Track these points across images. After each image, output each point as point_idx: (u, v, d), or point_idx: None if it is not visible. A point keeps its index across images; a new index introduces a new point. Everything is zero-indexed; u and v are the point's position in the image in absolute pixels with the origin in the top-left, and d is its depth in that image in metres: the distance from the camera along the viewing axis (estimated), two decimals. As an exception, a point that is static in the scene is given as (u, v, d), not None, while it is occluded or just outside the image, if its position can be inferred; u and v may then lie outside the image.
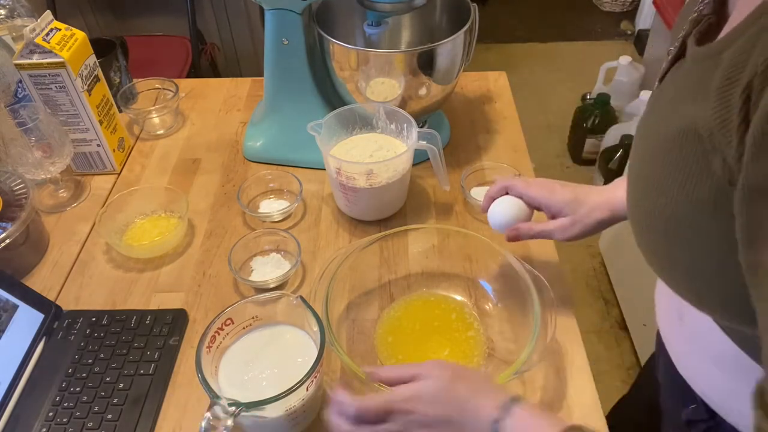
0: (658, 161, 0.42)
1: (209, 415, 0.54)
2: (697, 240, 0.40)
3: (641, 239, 0.47)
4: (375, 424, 0.52)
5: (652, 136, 0.44)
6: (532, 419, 0.48)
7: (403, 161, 0.84)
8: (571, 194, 0.68)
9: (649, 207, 0.43)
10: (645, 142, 0.46)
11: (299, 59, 0.91)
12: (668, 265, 0.44)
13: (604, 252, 1.91)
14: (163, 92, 1.13)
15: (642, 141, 0.47)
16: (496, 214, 0.72)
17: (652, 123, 0.46)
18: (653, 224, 0.43)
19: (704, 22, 0.45)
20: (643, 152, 0.46)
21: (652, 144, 0.44)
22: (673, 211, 0.41)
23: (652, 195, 0.43)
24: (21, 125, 0.85)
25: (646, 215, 0.44)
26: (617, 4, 3.08)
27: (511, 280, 0.73)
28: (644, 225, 0.45)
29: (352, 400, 0.53)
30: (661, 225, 0.42)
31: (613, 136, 2.04)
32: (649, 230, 0.44)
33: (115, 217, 0.88)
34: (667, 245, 0.43)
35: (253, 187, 0.94)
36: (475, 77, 1.19)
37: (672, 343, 0.60)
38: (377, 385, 0.58)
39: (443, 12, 1.00)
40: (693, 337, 0.54)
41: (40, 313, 0.75)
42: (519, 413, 0.49)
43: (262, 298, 0.65)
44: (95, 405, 0.68)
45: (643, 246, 0.47)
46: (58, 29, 0.89)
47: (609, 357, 1.71)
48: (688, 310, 0.53)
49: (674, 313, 0.57)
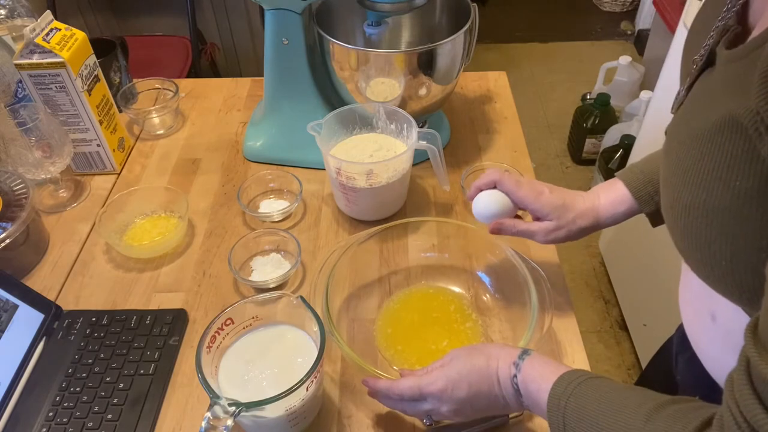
0: (696, 157, 0.43)
1: (209, 415, 0.54)
2: (741, 231, 0.41)
3: (681, 235, 0.47)
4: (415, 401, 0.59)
5: (687, 134, 0.45)
6: (539, 368, 0.53)
7: (403, 161, 0.84)
8: (559, 200, 0.69)
9: (689, 202, 0.44)
10: (679, 141, 0.47)
11: (299, 59, 0.91)
12: (710, 259, 0.45)
13: (604, 252, 1.91)
14: (163, 92, 1.13)
15: (676, 141, 0.48)
16: (482, 205, 0.73)
17: (685, 123, 0.47)
18: (694, 219, 0.44)
19: (731, 32, 0.46)
20: (678, 151, 0.46)
21: (687, 142, 0.45)
22: (715, 203, 0.41)
23: (693, 190, 0.43)
24: (21, 125, 0.85)
25: (686, 210, 0.45)
26: (617, 4, 3.08)
27: (510, 272, 0.73)
28: (684, 221, 0.45)
29: (386, 384, 0.60)
30: (703, 219, 0.43)
31: (613, 136, 2.04)
32: (690, 226, 0.45)
33: (115, 217, 0.88)
34: (709, 239, 0.43)
35: (253, 187, 0.94)
36: (475, 77, 1.19)
37: (702, 344, 0.59)
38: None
39: (443, 12, 1.00)
40: (727, 337, 0.54)
41: (40, 313, 0.75)
42: (527, 365, 0.54)
43: (262, 298, 0.65)
44: (95, 405, 0.68)
45: (682, 242, 0.47)
46: (58, 29, 0.89)
47: (609, 357, 1.71)
48: (722, 310, 0.53)
49: (705, 313, 0.56)
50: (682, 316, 0.63)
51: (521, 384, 0.54)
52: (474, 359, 0.57)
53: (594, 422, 0.47)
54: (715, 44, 0.47)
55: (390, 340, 0.74)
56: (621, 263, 1.79)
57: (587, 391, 0.49)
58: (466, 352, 0.59)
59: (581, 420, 0.48)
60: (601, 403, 0.47)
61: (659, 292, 1.45)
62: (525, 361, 0.54)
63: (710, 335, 0.57)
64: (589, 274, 1.93)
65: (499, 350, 0.57)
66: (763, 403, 0.35)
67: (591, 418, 0.47)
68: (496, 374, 0.55)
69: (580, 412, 0.48)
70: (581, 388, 0.49)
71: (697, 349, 0.60)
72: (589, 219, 0.69)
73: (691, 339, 0.61)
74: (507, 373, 0.55)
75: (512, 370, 0.54)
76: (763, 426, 0.35)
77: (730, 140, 0.40)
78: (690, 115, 0.47)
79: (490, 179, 0.72)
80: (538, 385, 0.52)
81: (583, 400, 0.49)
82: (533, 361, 0.54)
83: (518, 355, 0.55)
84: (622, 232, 1.76)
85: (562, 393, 0.50)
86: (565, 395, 0.49)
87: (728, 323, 0.53)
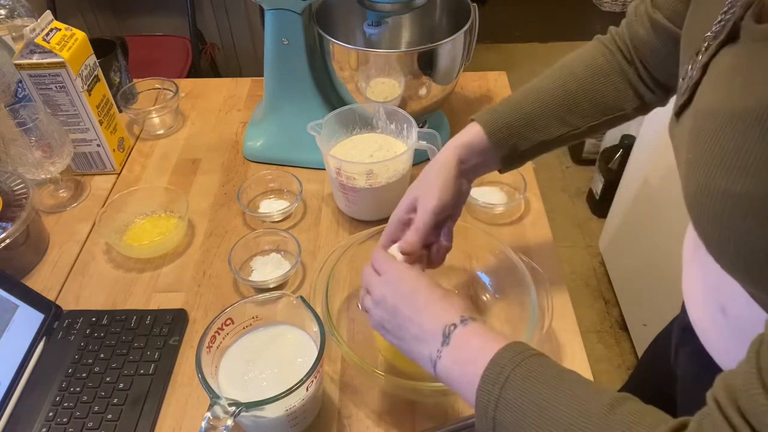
0: (740, 140, 0.39)
1: (209, 415, 0.54)
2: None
3: (711, 225, 0.43)
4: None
5: (722, 113, 0.42)
6: (484, 330, 0.51)
7: (403, 161, 0.84)
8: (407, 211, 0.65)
9: (727, 188, 0.40)
10: (715, 121, 0.43)
11: (299, 59, 0.91)
12: (745, 251, 0.41)
13: (604, 252, 1.91)
14: (163, 92, 1.13)
15: (708, 121, 0.44)
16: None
17: (718, 101, 0.44)
18: (730, 208, 0.41)
19: (757, 4, 0.43)
20: (715, 132, 0.43)
21: (727, 123, 0.41)
22: (761, 191, 0.38)
23: (733, 176, 0.40)
24: (21, 125, 0.85)
25: (721, 198, 0.41)
26: (617, 4, 3.08)
27: (509, 271, 0.73)
28: (717, 209, 0.42)
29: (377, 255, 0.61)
30: (742, 208, 0.40)
31: (613, 136, 2.04)
32: (724, 215, 0.41)
33: (115, 217, 0.88)
34: (747, 229, 0.40)
35: (253, 187, 0.94)
36: (475, 77, 1.19)
37: (712, 338, 0.58)
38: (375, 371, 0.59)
39: (443, 12, 1.00)
40: (738, 330, 0.53)
41: (40, 313, 0.75)
42: (475, 325, 0.51)
43: (262, 298, 0.65)
44: (95, 405, 0.68)
45: (712, 232, 0.44)
46: (58, 29, 0.89)
47: (609, 357, 1.71)
48: (733, 303, 0.52)
49: (715, 307, 0.55)
50: (688, 309, 0.62)
51: (455, 337, 0.50)
52: (434, 288, 0.56)
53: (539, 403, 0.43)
54: (739, 18, 0.44)
55: None
56: (621, 263, 1.79)
57: (533, 366, 0.45)
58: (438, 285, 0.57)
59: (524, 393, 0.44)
60: (550, 385, 0.44)
61: (659, 292, 1.45)
62: (471, 323, 0.51)
63: (720, 328, 0.56)
64: (589, 274, 1.93)
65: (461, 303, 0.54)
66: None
67: (536, 398, 0.43)
68: (440, 311, 0.53)
69: (523, 387, 0.44)
70: (530, 361, 0.46)
71: (706, 342, 0.59)
72: (442, 161, 0.64)
73: (699, 332, 0.60)
74: (448, 318, 0.52)
75: (455, 320, 0.51)
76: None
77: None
78: (721, 93, 0.44)
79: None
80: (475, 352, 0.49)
81: (527, 376, 0.45)
82: (478, 327, 0.51)
83: (470, 316, 0.52)
84: (622, 232, 1.76)
85: (506, 363, 0.46)
86: (508, 368, 0.45)
87: (740, 316, 0.52)
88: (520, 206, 0.92)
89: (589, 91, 0.67)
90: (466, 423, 0.65)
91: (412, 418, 0.67)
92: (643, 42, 0.65)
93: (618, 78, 0.67)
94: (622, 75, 0.67)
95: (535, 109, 0.66)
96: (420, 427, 0.67)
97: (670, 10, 0.61)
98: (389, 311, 0.56)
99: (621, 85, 0.67)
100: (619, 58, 0.67)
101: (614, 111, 0.68)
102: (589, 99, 0.67)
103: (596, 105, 0.67)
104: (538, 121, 0.66)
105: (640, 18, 0.65)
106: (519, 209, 0.92)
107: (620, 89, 0.67)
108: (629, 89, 0.67)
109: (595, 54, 0.68)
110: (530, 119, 0.66)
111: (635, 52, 0.66)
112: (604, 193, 2.01)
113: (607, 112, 0.68)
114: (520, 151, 0.67)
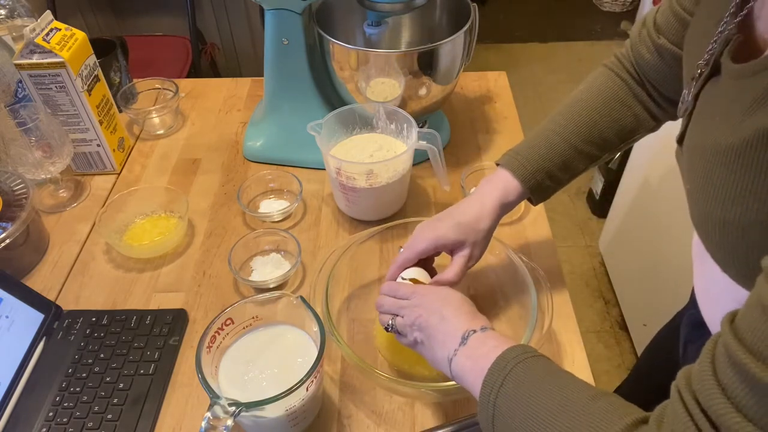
0: (725, 173, 0.43)
1: (209, 415, 0.54)
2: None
3: (716, 248, 0.47)
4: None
5: (712, 149, 0.45)
6: (499, 335, 0.55)
7: (403, 161, 0.84)
8: (453, 227, 0.67)
9: (722, 217, 0.44)
10: (703, 156, 0.46)
11: (299, 59, 0.91)
12: (747, 270, 0.44)
13: (604, 252, 1.91)
14: (163, 92, 1.13)
15: (698, 156, 0.48)
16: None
17: (706, 137, 0.47)
18: (728, 234, 0.44)
19: (734, 41, 0.46)
20: (704, 167, 0.46)
21: (712, 158, 0.44)
22: (751, 218, 0.41)
23: (725, 206, 0.43)
24: (21, 125, 0.85)
25: (719, 226, 0.44)
26: (617, 4, 3.09)
27: (509, 272, 0.74)
28: (718, 236, 0.45)
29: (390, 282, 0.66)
30: (738, 234, 0.43)
31: (613, 136, 2.04)
32: (724, 241, 0.45)
33: (115, 217, 0.88)
34: (745, 251, 0.43)
35: (253, 187, 0.94)
36: (475, 77, 1.19)
37: None
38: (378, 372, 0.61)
39: (443, 12, 1.00)
40: None
41: (40, 313, 0.75)
42: (493, 332, 0.56)
43: (262, 298, 0.65)
44: (95, 405, 0.68)
45: (718, 254, 0.47)
46: (58, 29, 0.89)
47: (609, 357, 1.71)
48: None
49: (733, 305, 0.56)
50: (701, 306, 0.62)
51: (472, 339, 0.54)
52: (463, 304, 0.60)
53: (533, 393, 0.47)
54: (719, 54, 0.47)
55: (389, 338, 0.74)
56: (621, 263, 1.79)
57: (535, 364, 0.50)
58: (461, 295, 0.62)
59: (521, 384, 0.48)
60: (545, 379, 0.48)
61: (659, 292, 1.45)
62: (490, 331, 0.56)
63: None
64: (589, 274, 1.93)
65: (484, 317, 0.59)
66: (726, 394, 0.36)
67: (531, 390, 0.48)
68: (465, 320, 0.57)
69: (523, 378, 0.49)
70: (533, 359, 0.50)
71: None
72: (486, 221, 0.67)
73: (713, 329, 0.61)
74: (471, 326, 0.56)
75: (476, 327, 0.56)
76: (722, 416, 0.35)
77: (766, 155, 0.39)
78: (707, 129, 0.47)
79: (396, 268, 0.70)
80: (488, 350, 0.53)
81: (528, 370, 0.49)
82: (495, 333, 0.56)
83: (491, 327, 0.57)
84: (622, 232, 1.76)
85: (511, 358, 0.50)
86: (512, 363, 0.50)
87: None
88: (520, 206, 0.92)
89: (612, 120, 0.68)
90: (466, 423, 0.65)
91: (412, 418, 0.67)
92: (649, 64, 0.66)
93: (634, 102, 0.68)
94: (636, 99, 0.68)
95: (565, 150, 0.68)
96: (420, 427, 0.67)
97: (673, 35, 0.62)
98: (424, 330, 0.59)
99: (637, 109, 0.69)
100: (630, 82, 0.68)
101: (633, 134, 0.70)
102: (613, 129, 0.69)
103: (619, 133, 0.69)
104: (571, 162, 0.69)
105: (644, 42, 0.66)
106: (519, 209, 0.92)
107: (638, 113, 0.69)
108: (645, 112, 0.69)
109: (606, 83, 0.69)
110: (563, 162, 0.68)
111: (643, 73, 0.68)
112: (604, 193, 2.01)
113: (627, 137, 0.70)
114: (548, 187, 0.70)
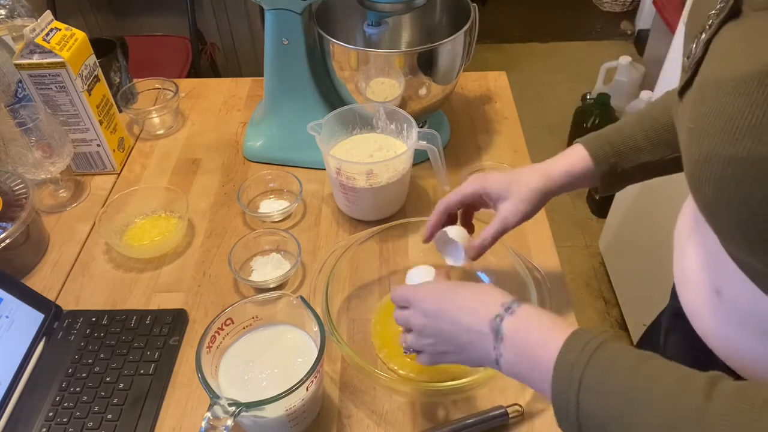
0: (744, 103, 0.40)
1: (209, 415, 0.54)
2: None
3: (713, 191, 0.44)
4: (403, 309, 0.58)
5: (727, 80, 0.43)
6: (536, 316, 0.49)
7: (403, 161, 0.84)
8: (504, 177, 0.68)
9: (731, 153, 0.41)
10: (718, 89, 0.44)
11: (299, 59, 0.91)
12: (746, 216, 0.42)
13: (604, 252, 1.91)
14: (163, 92, 1.13)
15: (708, 91, 0.45)
16: (450, 252, 0.71)
17: (724, 70, 0.45)
18: (733, 172, 0.42)
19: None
20: (718, 99, 0.44)
21: (731, 89, 0.42)
22: (761, 152, 0.39)
23: (737, 140, 0.41)
24: (21, 125, 0.85)
25: (725, 163, 0.42)
26: (617, 4, 3.08)
27: (510, 272, 0.73)
28: (720, 174, 0.43)
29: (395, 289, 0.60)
30: (745, 171, 0.41)
31: (613, 136, 2.04)
32: (727, 179, 0.42)
33: (115, 217, 0.88)
34: (749, 192, 0.41)
35: (253, 187, 0.94)
36: (475, 77, 1.19)
37: (706, 322, 0.58)
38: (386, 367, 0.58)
39: (443, 12, 1.00)
40: (732, 313, 0.53)
41: (40, 313, 0.75)
42: (522, 310, 0.50)
43: (262, 298, 0.65)
44: (95, 405, 0.68)
45: (714, 198, 0.45)
46: (58, 29, 0.89)
47: (609, 357, 1.71)
48: (728, 285, 0.52)
49: (709, 290, 0.56)
50: (680, 294, 0.62)
51: (506, 329, 0.49)
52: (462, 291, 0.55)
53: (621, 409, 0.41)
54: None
55: (384, 338, 0.74)
56: (621, 263, 1.79)
57: (607, 363, 0.44)
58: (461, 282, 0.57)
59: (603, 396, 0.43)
60: (630, 382, 0.43)
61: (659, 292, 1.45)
62: (517, 309, 0.50)
63: (715, 311, 0.56)
64: (589, 274, 1.93)
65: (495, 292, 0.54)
66: None
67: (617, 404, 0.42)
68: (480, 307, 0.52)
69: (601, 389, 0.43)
70: (599, 357, 0.44)
71: (697, 326, 0.60)
72: (539, 180, 0.67)
73: (690, 316, 0.61)
74: (490, 311, 0.51)
75: (498, 310, 0.50)
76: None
77: None
78: (726, 63, 0.45)
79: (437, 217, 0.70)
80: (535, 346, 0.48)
81: (605, 373, 0.43)
82: (524, 313, 0.50)
83: (510, 301, 0.51)
84: (622, 232, 1.76)
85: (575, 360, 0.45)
86: (579, 367, 0.44)
87: (735, 298, 0.52)
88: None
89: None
90: (466, 423, 0.65)
91: (412, 418, 0.67)
92: None
93: None
94: None
95: (635, 130, 0.67)
96: (420, 427, 0.67)
97: None
98: (434, 335, 0.55)
99: None
100: None
101: None
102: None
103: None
104: (642, 142, 0.67)
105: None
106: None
107: None
108: None
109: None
110: (633, 141, 0.67)
111: None
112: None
113: None
114: (620, 170, 0.68)
